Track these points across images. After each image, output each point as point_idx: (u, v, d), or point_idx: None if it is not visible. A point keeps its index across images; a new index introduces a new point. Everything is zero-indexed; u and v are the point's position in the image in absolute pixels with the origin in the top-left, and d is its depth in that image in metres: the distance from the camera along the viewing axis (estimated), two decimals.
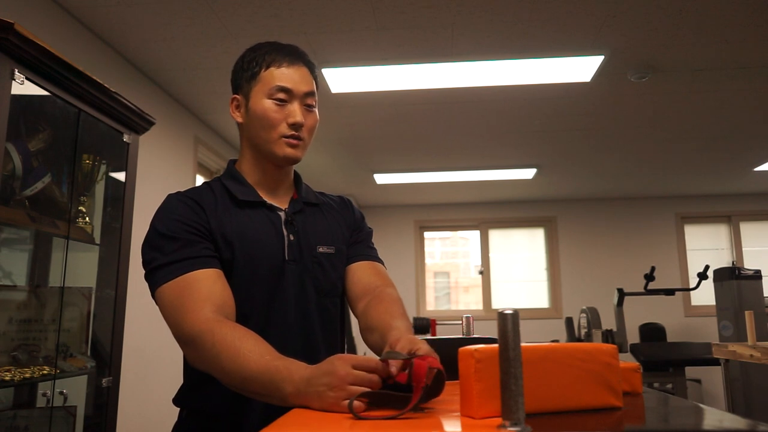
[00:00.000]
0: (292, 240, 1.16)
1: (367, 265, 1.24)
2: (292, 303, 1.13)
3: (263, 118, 1.13)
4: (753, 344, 2.72)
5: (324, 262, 1.18)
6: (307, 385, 0.82)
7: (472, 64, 3.03)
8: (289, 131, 1.13)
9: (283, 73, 1.13)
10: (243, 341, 0.93)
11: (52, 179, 1.96)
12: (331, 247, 1.20)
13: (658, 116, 3.89)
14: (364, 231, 1.30)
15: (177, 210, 1.09)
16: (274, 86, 1.13)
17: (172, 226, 1.07)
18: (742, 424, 0.71)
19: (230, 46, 2.82)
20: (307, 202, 1.23)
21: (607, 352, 0.78)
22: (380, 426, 0.69)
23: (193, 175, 3.79)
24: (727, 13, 2.56)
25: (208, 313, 0.98)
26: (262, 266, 1.12)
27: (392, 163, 5.06)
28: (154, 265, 1.05)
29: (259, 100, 1.13)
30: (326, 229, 1.23)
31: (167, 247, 1.05)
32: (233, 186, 1.17)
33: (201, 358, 0.97)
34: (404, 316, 1.11)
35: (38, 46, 1.69)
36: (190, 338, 0.97)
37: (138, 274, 2.49)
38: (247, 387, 0.91)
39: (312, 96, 1.16)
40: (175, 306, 1.01)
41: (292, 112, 1.13)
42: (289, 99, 1.13)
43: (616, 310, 5.12)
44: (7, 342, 1.81)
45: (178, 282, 1.02)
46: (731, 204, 6.50)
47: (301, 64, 1.17)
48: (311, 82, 1.17)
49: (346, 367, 0.80)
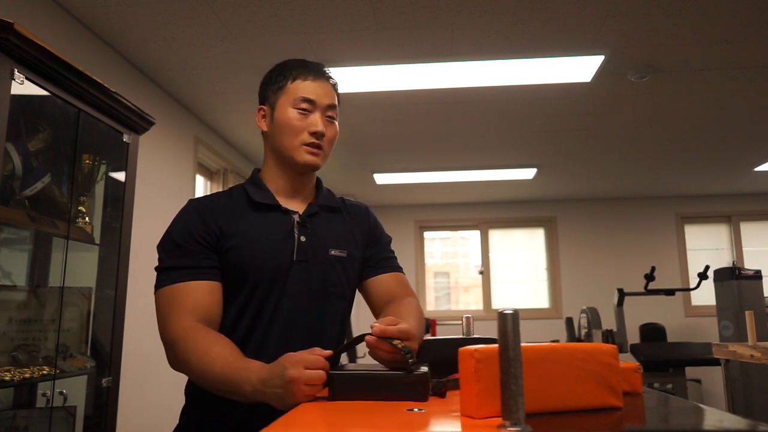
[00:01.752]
0: (304, 241, 1.20)
1: (391, 278, 1.31)
2: (296, 302, 1.17)
3: (287, 125, 1.20)
4: (753, 344, 2.72)
5: (336, 265, 1.23)
6: (263, 386, 0.92)
7: (472, 64, 3.03)
8: (310, 139, 1.20)
9: (307, 86, 1.21)
10: (212, 345, 1.03)
11: (52, 179, 1.96)
12: (344, 251, 1.25)
13: (658, 116, 3.89)
14: (383, 240, 1.36)
15: (189, 218, 1.18)
16: (299, 97, 1.20)
17: (181, 233, 1.16)
18: (742, 424, 0.71)
19: (230, 46, 2.82)
20: (323, 206, 1.28)
21: (607, 352, 0.78)
22: (380, 426, 0.69)
23: (193, 175, 3.79)
24: (727, 13, 2.56)
25: (188, 322, 1.08)
26: (264, 266, 1.16)
27: (392, 163, 5.06)
28: (159, 266, 1.16)
29: (284, 110, 1.21)
30: (341, 233, 1.27)
31: (172, 252, 1.15)
32: (252, 189, 1.24)
33: (176, 361, 1.07)
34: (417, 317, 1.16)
35: (38, 46, 1.69)
36: (169, 343, 1.08)
37: (138, 274, 2.49)
38: (214, 386, 1.01)
39: (333, 109, 1.24)
40: (163, 311, 1.11)
41: (314, 122, 1.20)
42: (312, 110, 1.21)
43: (616, 310, 5.12)
44: (7, 342, 1.81)
45: (172, 289, 1.12)
46: (731, 204, 6.50)
47: (325, 80, 1.25)
48: (333, 96, 1.25)
49: (298, 370, 0.87)
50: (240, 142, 4.43)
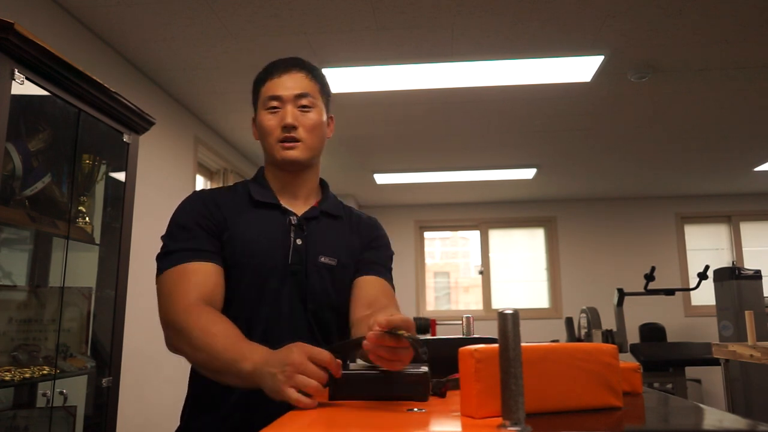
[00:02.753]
0: (299, 244, 1.18)
1: (377, 283, 1.23)
2: (283, 305, 1.15)
3: (261, 127, 1.21)
4: (753, 344, 2.72)
5: (323, 272, 1.19)
6: (263, 365, 0.88)
7: (472, 64, 3.03)
8: (282, 134, 1.19)
9: (275, 83, 1.21)
10: (214, 324, 1.01)
11: (52, 179, 1.96)
12: (334, 259, 1.21)
13: (658, 116, 3.89)
14: (382, 250, 1.30)
15: (194, 205, 1.18)
16: (265, 97, 1.21)
17: (186, 217, 1.16)
18: (742, 424, 0.71)
19: (230, 46, 2.82)
20: (324, 212, 1.25)
21: (607, 352, 0.78)
22: (380, 427, 0.69)
23: (193, 175, 3.79)
24: (727, 13, 2.56)
25: (191, 300, 1.05)
26: (261, 265, 1.15)
27: (392, 163, 5.06)
28: (162, 251, 1.15)
29: (259, 114, 1.22)
30: (335, 241, 1.23)
31: (176, 236, 1.14)
32: (254, 187, 1.24)
33: (176, 338, 1.04)
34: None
35: (38, 46, 1.69)
36: (171, 322, 1.05)
37: (138, 274, 2.49)
38: (212, 365, 0.98)
39: (306, 97, 1.20)
40: (167, 291, 1.09)
41: (282, 116, 1.19)
42: (281, 105, 1.20)
43: (616, 310, 5.12)
44: (7, 342, 1.81)
45: (177, 270, 1.10)
46: (731, 204, 6.50)
47: (296, 70, 1.22)
48: (306, 84, 1.21)
49: (301, 356, 0.84)
50: (240, 142, 4.44)
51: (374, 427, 0.68)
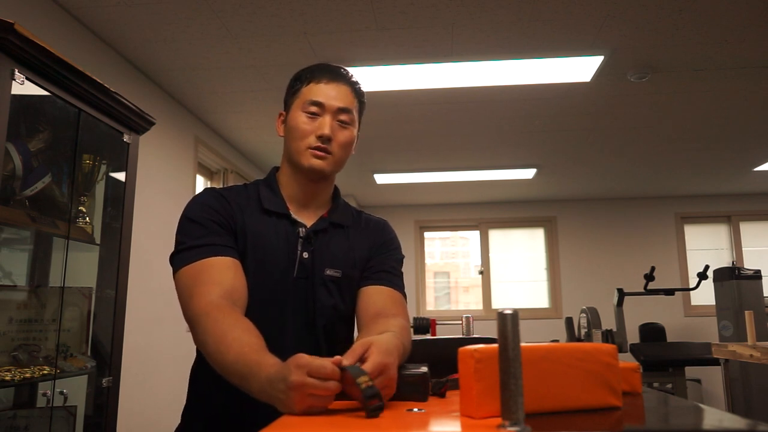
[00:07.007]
0: (306, 258, 1.17)
1: (386, 292, 1.21)
2: (286, 319, 1.14)
3: (295, 129, 1.18)
4: (753, 344, 2.72)
5: (329, 286, 1.18)
6: (270, 387, 0.82)
7: (472, 64, 3.03)
8: (316, 143, 1.16)
9: (320, 88, 1.18)
10: (231, 329, 0.95)
11: (52, 179, 1.96)
12: (338, 271, 1.19)
13: (658, 116, 3.89)
14: (392, 255, 1.28)
15: (207, 200, 1.16)
16: (308, 100, 1.17)
17: (200, 213, 1.13)
18: (742, 424, 0.71)
19: (230, 47, 2.82)
20: (334, 223, 1.23)
21: (606, 352, 0.78)
22: (380, 427, 0.69)
23: (193, 175, 3.79)
24: (727, 13, 2.56)
25: (213, 297, 1.01)
26: (269, 276, 1.14)
27: (392, 163, 5.06)
28: (177, 249, 1.12)
29: (294, 113, 1.19)
30: (342, 252, 1.22)
31: (193, 233, 1.11)
32: (265, 193, 1.21)
33: (197, 339, 1.02)
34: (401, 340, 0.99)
35: (38, 46, 1.69)
36: (192, 319, 1.02)
37: (138, 274, 2.49)
38: (226, 375, 0.94)
39: (346, 113, 1.19)
40: (187, 287, 1.06)
41: (321, 125, 1.16)
42: (321, 113, 1.17)
43: (616, 310, 5.12)
44: (7, 342, 1.81)
45: (195, 266, 1.07)
46: (731, 204, 6.49)
47: (342, 82, 1.20)
48: (350, 100, 1.20)
49: (301, 376, 0.77)
50: (240, 142, 4.44)
51: (374, 427, 0.68)
